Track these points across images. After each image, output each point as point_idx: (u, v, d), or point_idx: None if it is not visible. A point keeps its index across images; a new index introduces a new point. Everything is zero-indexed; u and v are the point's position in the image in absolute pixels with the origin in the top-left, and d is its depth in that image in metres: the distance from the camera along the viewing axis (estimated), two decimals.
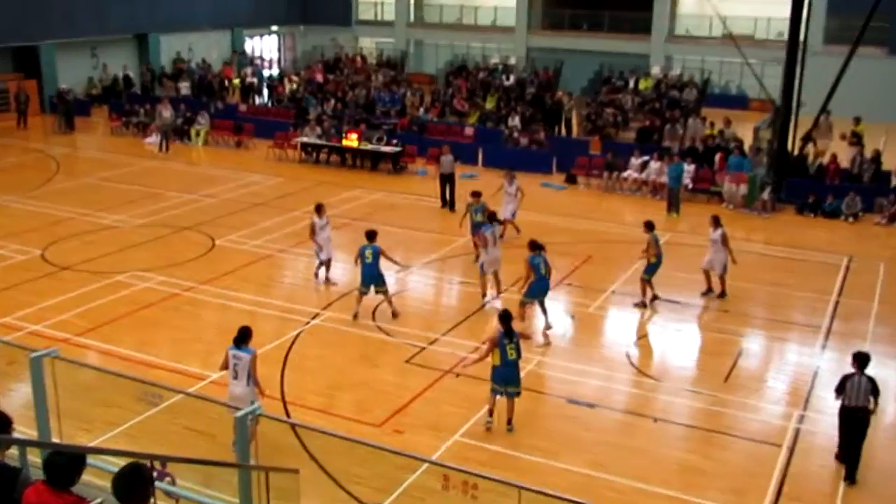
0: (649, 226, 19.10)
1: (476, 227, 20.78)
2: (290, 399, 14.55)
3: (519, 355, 13.77)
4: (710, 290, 19.63)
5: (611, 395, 15.18)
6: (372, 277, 17.82)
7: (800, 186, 27.57)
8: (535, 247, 17.37)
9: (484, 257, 19.28)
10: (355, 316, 17.85)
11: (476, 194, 21.38)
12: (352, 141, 31.64)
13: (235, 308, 18.43)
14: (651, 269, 19.01)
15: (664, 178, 27.86)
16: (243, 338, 12.48)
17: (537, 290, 17.46)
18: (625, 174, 29.49)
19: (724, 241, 19.30)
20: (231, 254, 21.88)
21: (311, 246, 20.01)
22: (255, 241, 22.88)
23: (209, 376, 15.12)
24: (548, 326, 17.55)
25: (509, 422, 13.84)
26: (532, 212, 26.27)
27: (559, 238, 23.83)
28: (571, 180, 30.54)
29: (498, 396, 13.87)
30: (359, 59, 47.13)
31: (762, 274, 21.47)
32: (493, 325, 14.99)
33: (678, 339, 17.73)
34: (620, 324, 18.45)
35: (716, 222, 19.43)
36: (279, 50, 54.22)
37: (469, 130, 35.15)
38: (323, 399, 14.67)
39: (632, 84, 39.97)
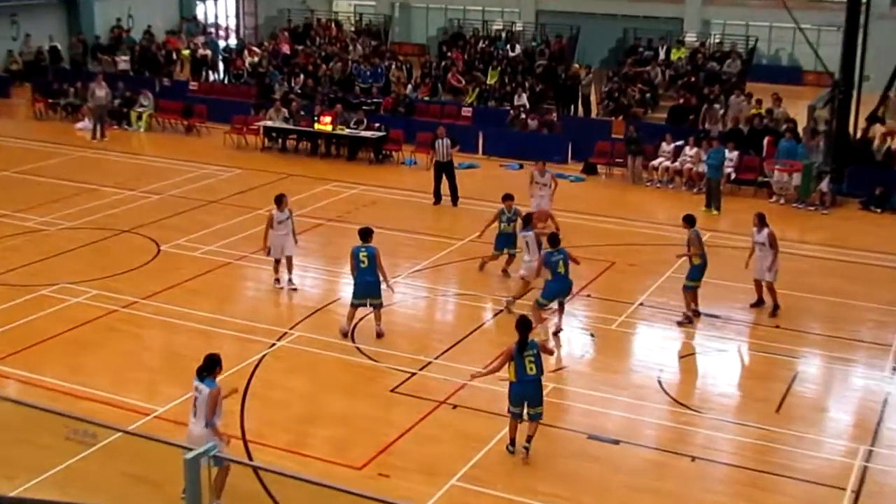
0: (689, 220, 19.11)
1: (505, 240, 20.87)
2: (252, 436, 14.48)
3: (540, 371, 13.93)
4: (760, 300, 19.62)
5: (640, 430, 15.13)
6: (368, 286, 17.72)
7: (864, 176, 27.64)
8: (554, 242, 17.84)
9: (525, 271, 19.30)
10: (346, 335, 17.83)
11: (508, 197, 21.28)
12: (325, 125, 31.64)
13: (186, 328, 18.35)
14: (695, 274, 18.97)
15: (702, 168, 27.92)
16: (208, 367, 12.29)
17: (555, 290, 17.82)
18: (654, 162, 29.52)
19: (773, 243, 19.23)
20: (180, 262, 21.81)
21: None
22: (208, 246, 22.84)
23: (154, 410, 15.06)
24: (558, 329, 17.86)
25: (528, 439, 13.99)
26: None
27: (576, 240, 23.76)
28: (590, 170, 30.57)
29: (518, 421, 14.01)
30: (333, 26, 47.15)
31: (820, 281, 21.47)
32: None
33: (720, 362, 17.70)
34: (651, 343, 18.43)
35: (761, 221, 19.36)
36: (237, 16, 54.21)
37: (467, 111, 35.16)
38: (292, 436, 14.61)
39: (662, 54, 40.01)
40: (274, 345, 17.69)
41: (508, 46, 41.24)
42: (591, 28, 45.48)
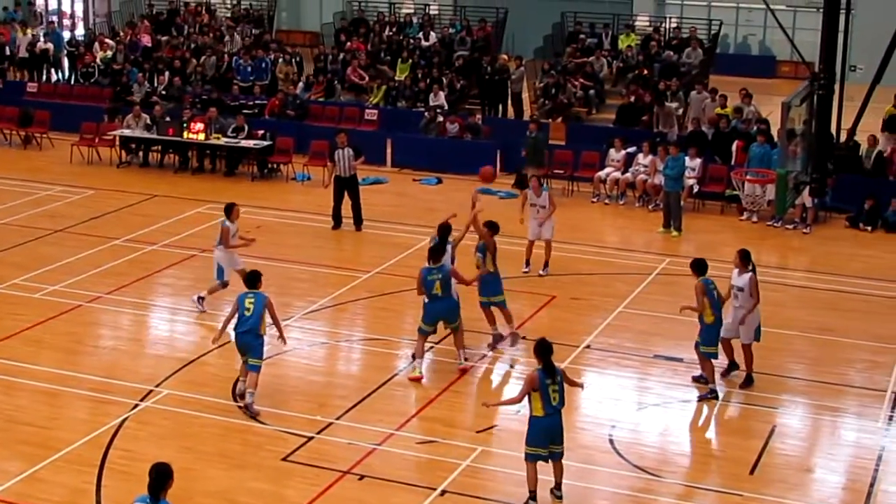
0: (698, 268, 18.24)
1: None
2: None
3: (563, 402, 14.49)
4: (732, 364, 18.86)
5: (588, 499, 15.25)
6: (245, 340, 17.41)
7: (852, 187, 28.15)
8: (435, 256, 18.61)
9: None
10: (240, 396, 17.60)
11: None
12: (197, 133, 31.51)
13: (25, 387, 18.15)
14: (709, 336, 18.15)
15: (658, 179, 28.20)
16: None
17: (434, 312, 18.71)
18: (601, 174, 29.83)
19: (754, 291, 18.33)
20: (17, 306, 21.58)
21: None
22: (53, 285, 22.61)
23: None
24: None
25: (558, 486, 14.73)
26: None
27: (505, 270, 23.95)
28: (523, 184, 30.63)
29: (540, 463, 14.45)
30: (205, 11, 47.02)
31: (801, 315, 21.85)
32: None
33: (683, 415, 17.93)
34: (600, 394, 18.58)
35: (744, 260, 18.47)
36: (86, 1, 53.77)
37: (371, 114, 35.26)
38: None
39: (608, 43, 40.54)
40: (136, 406, 17.52)
41: (421, 34, 41.52)
42: (521, 11, 45.94)
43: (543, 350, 14.46)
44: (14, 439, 16.24)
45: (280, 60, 39.12)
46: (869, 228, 27.52)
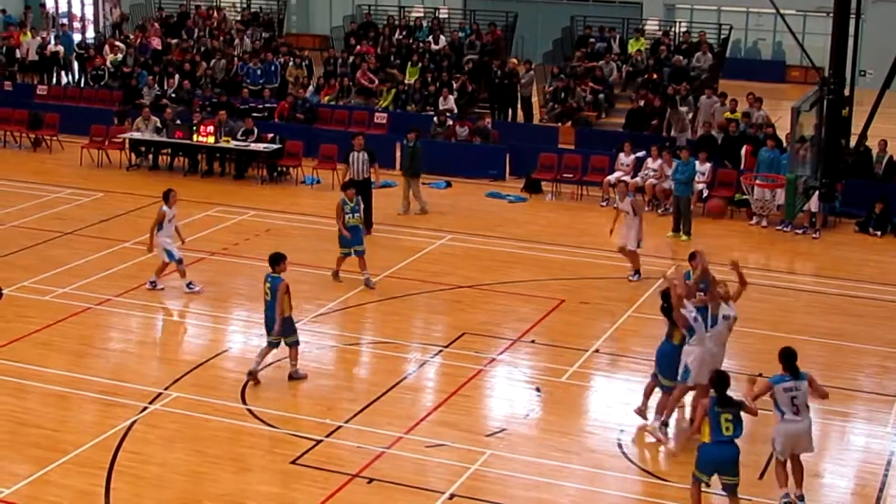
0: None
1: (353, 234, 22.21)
2: None
3: (738, 432, 14.21)
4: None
5: (597, 503, 15.29)
6: (270, 323, 18.35)
7: (862, 192, 28.09)
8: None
9: (694, 356, 16.77)
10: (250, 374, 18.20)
11: (349, 186, 22.77)
12: (206, 136, 31.55)
13: (34, 390, 18.19)
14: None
15: (668, 184, 28.21)
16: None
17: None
18: (611, 178, 29.81)
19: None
20: (26, 308, 21.59)
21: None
22: (62, 288, 22.64)
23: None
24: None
25: None
26: (475, 235, 26.42)
27: (516, 274, 24.00)
28: (533, 188, 30.75)
29: (703, 487, 14.49)
30: (215, 14, 47.07)
31: (810, 320, 21.83)
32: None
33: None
34: (609, 398, 18.61)
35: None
36: (96, 4, 53.83)
37: (381, 117, 35.24)
38: None
39: (617, 47, 40.52)
40: (146, 409, 17.55)
41: (431, 38, 41.50)
42: (530, 15, 45.93)
43: (719, 382, 14.32)
44: (23, 442, 16.28)
45: (290, 64, 39.17)
46: (879, 233, 27.46)
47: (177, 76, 37.90)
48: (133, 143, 32.63)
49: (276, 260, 18.37)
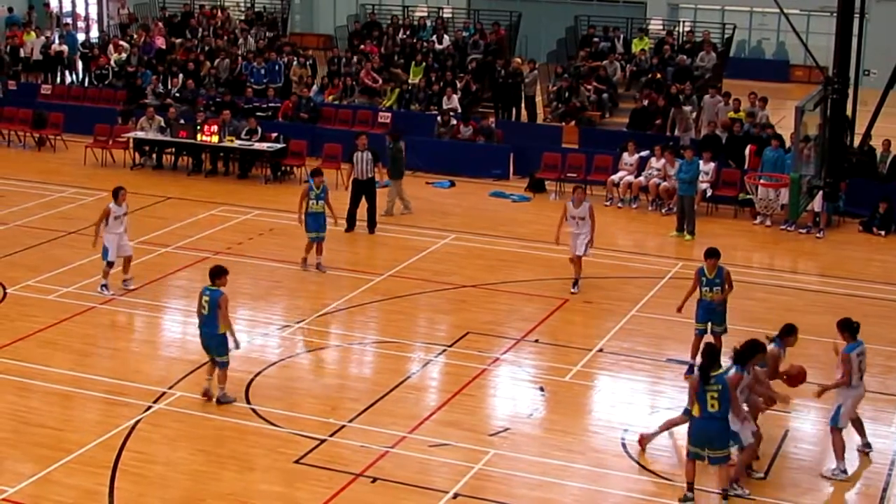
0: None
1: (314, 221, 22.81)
2: None
3: (725, 409, 14.64)
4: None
5: (601, 503, 15.24)
6: (206, 338, 17.80)
7: (866, 192, 28.12)
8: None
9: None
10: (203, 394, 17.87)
11: (318, 173, 23.22)
12: (210, 136, 31.55)
13: (38, 389, 18.19)
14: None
15: (672, 183, 28.22)
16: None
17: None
18: (615, 177, 29.82)
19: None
20: (31, 308, 21.62)
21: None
22: (66, 287, 22.65)
23: (1, 492, 14.89)
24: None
25: (725, 495, 15.05)
26: (479, 234, 26.41)
27: (520, 274, 24.00)
28: (537, 187, 30.77)
29: (698, 462, 14.99)
30: (219, 13, 47.08)
31: (813, 320, 21.75)
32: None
33: None
34: (613, 398, 18.62)
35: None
36: (100, 3, 53.85)
37: (385, 117, 35.25)
38: None
39: (621, 46, 40.52)
40: (149, 408, 17.56)
41: (435, 37, 41.51)
42: (534, 15, 45.92)
43: (708, 355, 14.88)
44: (27, 441, 16.29)
45: (293, 63, 39.18)
46: (883, 233, 27.46)
47: (180, 75, 37.96)
48: (137, 143, 32.66)
49: (218, 273, 17.72)
